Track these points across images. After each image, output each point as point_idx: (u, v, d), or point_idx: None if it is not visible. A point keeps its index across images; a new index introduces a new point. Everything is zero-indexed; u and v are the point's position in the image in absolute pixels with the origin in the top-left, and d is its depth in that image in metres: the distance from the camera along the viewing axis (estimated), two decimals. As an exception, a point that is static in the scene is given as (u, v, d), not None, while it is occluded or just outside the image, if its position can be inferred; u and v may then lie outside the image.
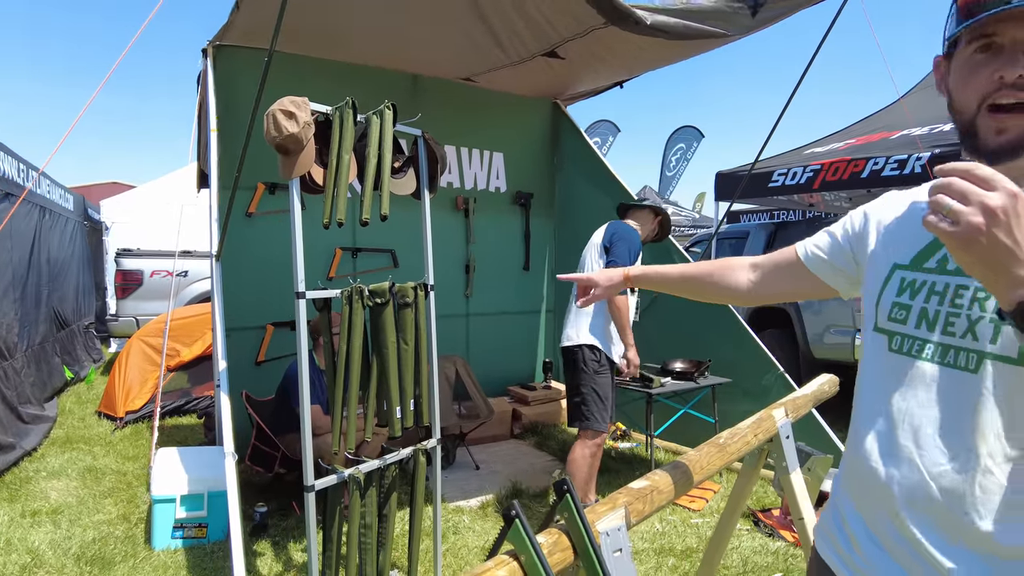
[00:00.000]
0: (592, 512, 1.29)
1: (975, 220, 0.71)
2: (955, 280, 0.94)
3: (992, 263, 0.73)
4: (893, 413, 0.97)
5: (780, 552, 3.27)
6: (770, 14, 3.71)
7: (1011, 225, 0.71)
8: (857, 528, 1.03)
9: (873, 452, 0.99)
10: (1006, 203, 0.70)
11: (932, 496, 0.90)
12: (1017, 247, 0.71)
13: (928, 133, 5.73)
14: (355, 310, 2.33)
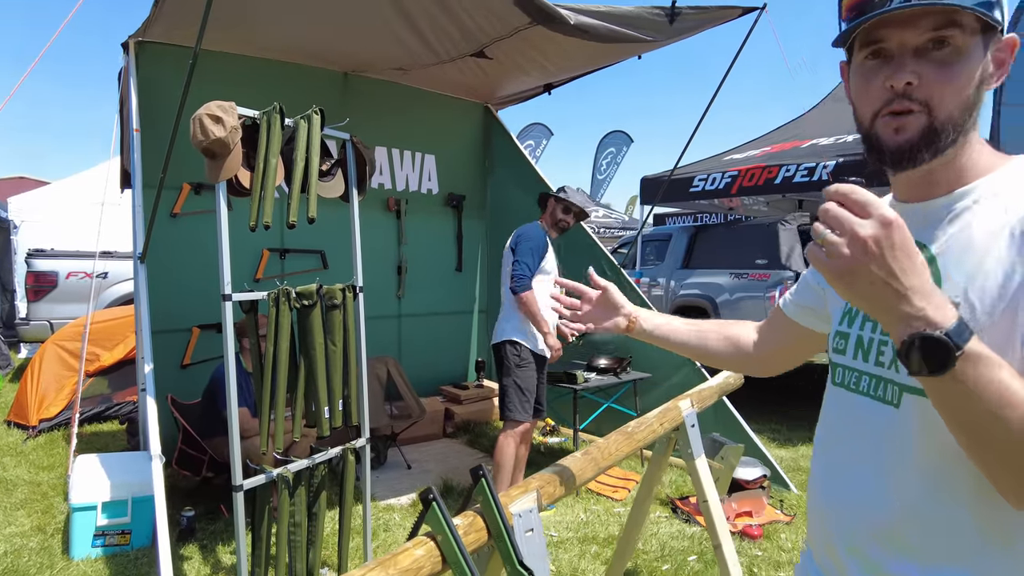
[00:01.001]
0: (506, 496, 1.40)
1: (844, 252, 0.68)
2: None
3: (869, 297, 0.69)
4: (833, 451, 0.95)
5: (696, 536, 3.48)
6: (686, 25, 3.93)
7: (884, 257, 0.66)
8: (806, 561, 1.04)
9: (815, 488, 0.99)
10: (877, 233, 0.66)
11: (860, 533, 0.88)
12: (894, 280, 0.67)
13: (834, 143, 6.15)
14: (282, 312, 2.37)
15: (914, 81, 0.78)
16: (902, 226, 0.67)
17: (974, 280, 0.77)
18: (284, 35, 3.98)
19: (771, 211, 8.61)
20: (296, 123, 2.44)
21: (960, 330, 0.66)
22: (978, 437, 0.71)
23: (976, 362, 0.67)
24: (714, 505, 2.20)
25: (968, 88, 0.78)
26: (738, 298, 6.07)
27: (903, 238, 0.67)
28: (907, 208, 0.87)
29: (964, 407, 0.69)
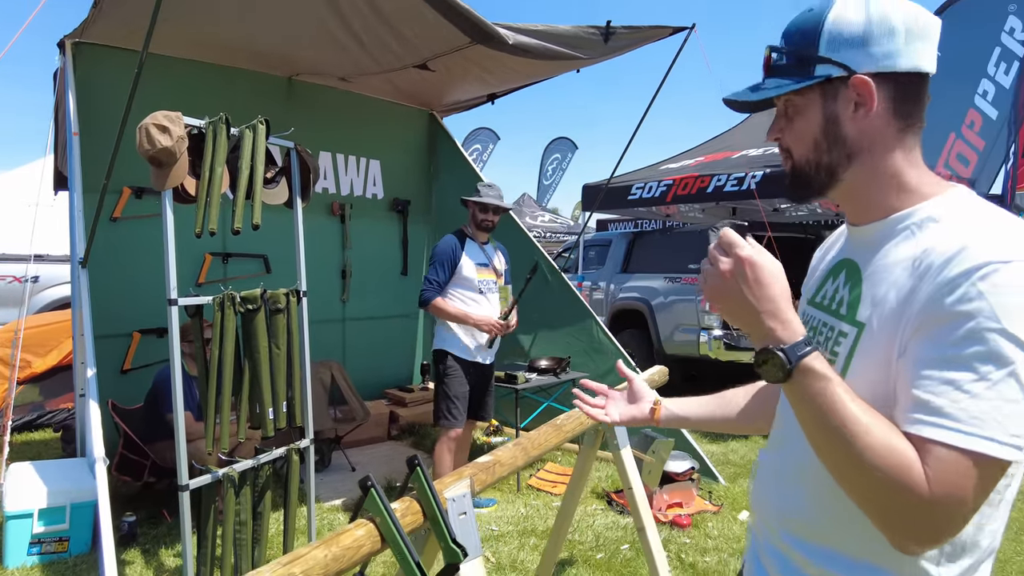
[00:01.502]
0: (440, 483, 1.54)
1: (710, 281, 0.85)
2: (821, 316, 1.00)
3: (735, 317, 0.85)
4: (770, 445, 1.08)
5: (629, 527, 3.68)
6: (620, 43, 4.15)
7: (741, 287, 0.82)
8: (753, 538, 1.13)
9: (757, 477, 1.10)
10: (733, 268, 0.82)
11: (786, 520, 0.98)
12: (750, 304, 0.81)
13: (762, 154, 6.52)
14: (227, 316, 2.43)
15: (779, 135, 0.98)
16: (755, 263, 0.82)
17: (877, 305, 0.87)
18: (227, 39, 4.01)
19: (707, 218, 9.00)
20: (241, 132, 2.51)
21: (798, 348, 0.79)
22: (815, 443, 0.83)
23: (810, 375, 0.79)
24: (638, 492, 2.38)
25: (810, 133, 0.93)
26: (672, 301, 6.36)
27: (755, 271, 0.82)
28: (853, 230, 0.99)
29: (804, 414, 0.82)
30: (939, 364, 0.77)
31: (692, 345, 6.02)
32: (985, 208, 0.86)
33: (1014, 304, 0.74)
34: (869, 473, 0.77)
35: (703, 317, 5.97)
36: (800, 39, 0.92)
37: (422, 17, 3.32)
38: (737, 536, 3.59)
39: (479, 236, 3.80)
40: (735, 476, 4.57)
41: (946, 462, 0.74)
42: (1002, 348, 0.74)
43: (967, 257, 0.77)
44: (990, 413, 0.73)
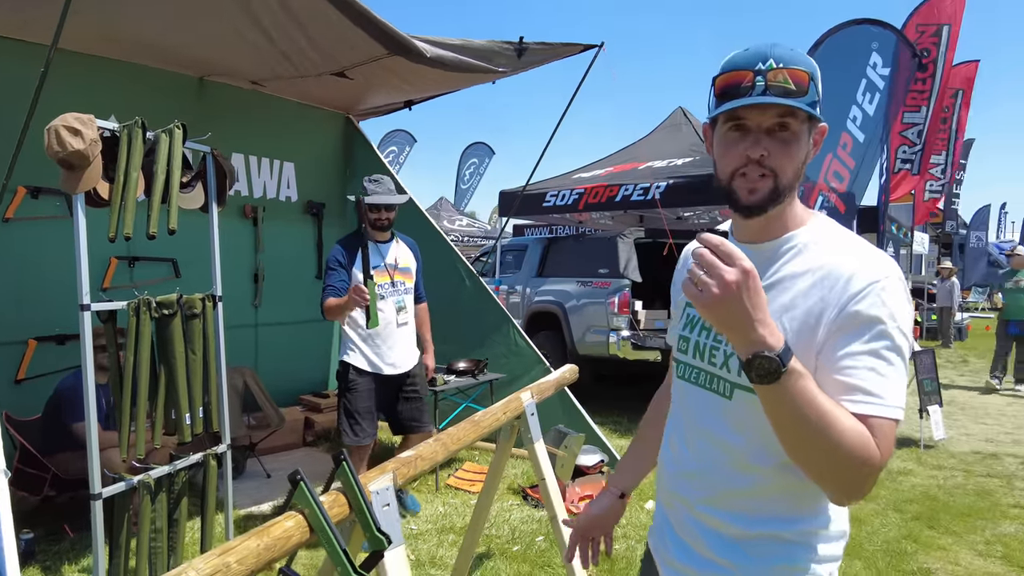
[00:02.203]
0: (365, 477, 1.63)
1: (714, 291, 0.89)
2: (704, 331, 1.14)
3: (729, 325, 0.92)
4: (677, 428, 1.23)
5: (543, 520, 3.86)
6: (533, 58, 4.35)
7: (742, 296, 0.89)
8: (659, 512, 1.30)
9: (664, 456, 1.27)
10: (739, 279, 0.88)
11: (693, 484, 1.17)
12: (747, 313, 0.90)
13: (666, 166, 6.91)
14: (143, 321, 2.41)
15: (766, 154, 1.04)
16: (756, 274, 0.91)
17: (788, 310, 1.04)
18: (136, 35, 3.88)
19: (616, 225, 9.40)
20: (157, 136, 2.49)
21: (787, 352, 0.92)
22: (790, 434, 0.96)
23: (795, 376, 0.92)
24: (550, 483, 2.54)
25: (799, 161, 1.06)
26: (584, 303, 6.63)
27: (756, 282, 0.91)
28: (746, 247, 1.10)
29: (785, 409, 0.93)
30: (862, 356, 0.98)
31: (603, 345, 6.31)
32: (843, 231, 1.11)
33: (899, 308, 1.00)
34: (842, 450, 0.92)
35: (612, 319, 6.27)
36: (812, 76, 1.03)
37: (341, 30, 3.37)
38: (644, 524, 3.84)
39: (376, 235, 3.58)
40: (642, 468, 4.84)
41: (885, 431, 0.95)
42: (898, 342, 0.99)
43: (864, 275, 1.00)
44: (896, 390, 0.98)
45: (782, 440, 0.97)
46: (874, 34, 5.04)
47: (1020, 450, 5.78)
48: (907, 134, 7.76)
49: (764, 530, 1.10)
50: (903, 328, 0.99)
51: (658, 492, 1.31)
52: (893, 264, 1.03)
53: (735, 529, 1.12)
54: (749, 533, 1.10)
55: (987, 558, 3.57)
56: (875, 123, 4.88)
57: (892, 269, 1.02)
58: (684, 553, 1.20)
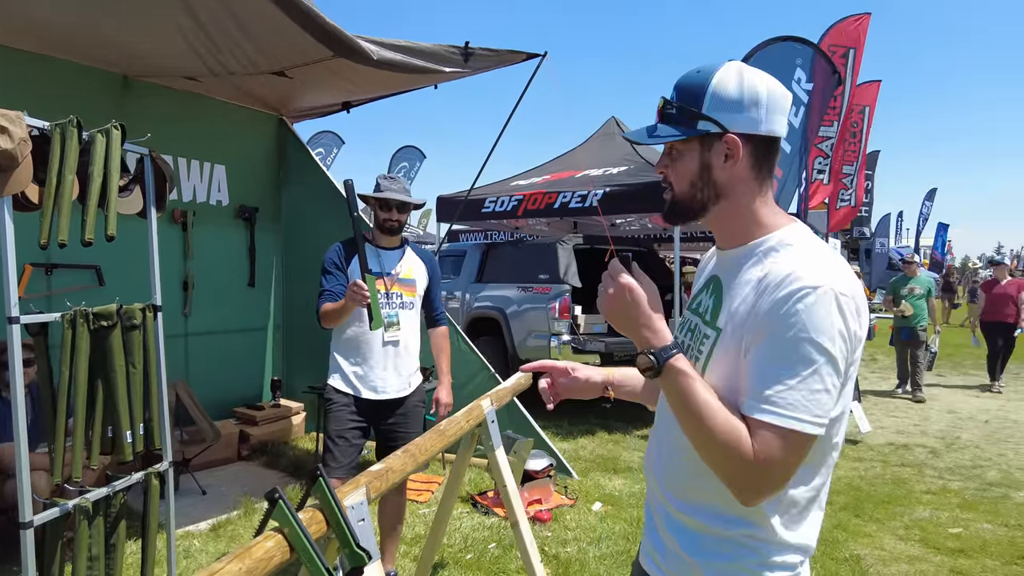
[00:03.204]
0: (339, 492, 1.58)
1: (603, 300, 1.12)
2: (695, 319, 1.21)
3: (622, 327, 1.12)
4: (662, 419, 1.27)
5: (494, 527, 3.85)
6: (479, 64, 4.36)
7: (620, 305, 1.10)
8: (647, 501, 1.34)
9: (650, 448, 1.32)
10: (615, 291, 1.11)
11: (664, 473, 1.22)
12: (632, 319, 1.09)
13: (602, 174, 7.06)
14: (79, 334, 2.26)
15: (664, 171, 1.19)
16: (632, 288, 1.10)
17: (734, 313, 1.09)
18: (50, 24, 3.62)
19: (551, 231, 9.53)
20: (93, 137, 2.34)
21: (665, 351, 1.06)
22: (680, 423, 1.07)
23: (674, 371, 1.05)
24: (511, 490, 2.54)
25: (689, 174, 1.14)
26: (525, 309, 6.68)
27: (632, 295, 1.10)
28: (720, 253, 1.21)
29: (671, 400, 1.07)
30: (768, 363, 1.02)
31: (544, 350, 6.36)
32: (811, 242, 1.11)
33: (819, 319, 0.99)
34: (714, 443, 1.02)
35: (553, 324, 6.34)
36: (688, 96, 1.12)
37: (283, 29, 3.27)
38: (592, 526, 3.90)
39: (381, 240, 3.10)
40: (586, 470, 4.92)
41: (766, 436, 0.99)
42: (810, 352, 0.99)
43: (791, 281, 1.02)
44: (800, 400, 0.99)
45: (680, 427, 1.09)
46: (797, 50, 5.34)
47: (927, 440, 6.23)
48: (822, 146, 8.25)
49: (709, 525, 1.13)
50: (817, 339, 0.98)
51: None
52: (837, 278, 1.01)
53: (690, 520, 1.16)
54: (702, 526, 1.15)
55: (907, 542, 3.83)
56: (799, 135, 5.16)
57: (830, 281, 1.00)
58: (655, 538, 1.26)
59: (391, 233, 3.09)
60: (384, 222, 3.05)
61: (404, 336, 3.10)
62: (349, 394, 3.00)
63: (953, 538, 3.87)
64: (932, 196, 23.21)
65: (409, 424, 3.10)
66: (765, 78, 1.12)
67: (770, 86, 1.11)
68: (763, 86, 1.10)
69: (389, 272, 3.05)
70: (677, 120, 1.13)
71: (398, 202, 3.03)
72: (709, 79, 1.11)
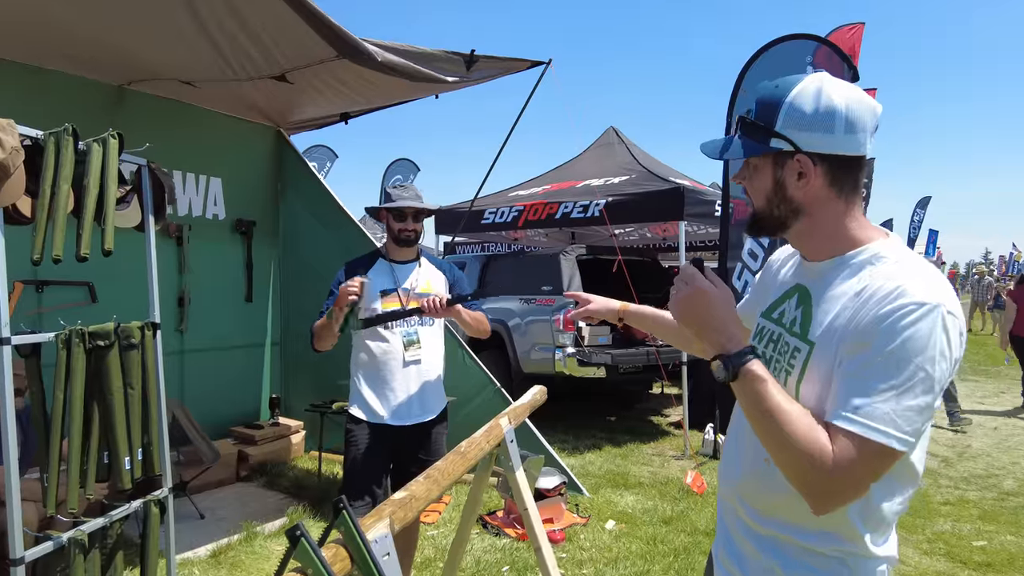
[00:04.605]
0: (362, 524, 1.46)
1: (677, 303, 1.13)
2: (776, 328, 1.20)
3: (694, 329, 1.11)
4: (738, 430, 1.26)
5: (506, 548, 3.71)
6: (483, 72, 4.27)
7: (696, 307, 1.10)
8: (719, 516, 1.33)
9: (725, 455, 1.31)
10: (691, 293, 1.10)
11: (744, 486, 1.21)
12: (703, 320, 1.09)
13: (604, 184, 6.98)
14: (75, 355, 2.12)
15: (743, 183, 1.19)
16: (706, 292, 1.10)
17: (830, 327, 1.07)
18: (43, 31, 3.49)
19: (549, 242, 9.43)
20: (89, 147, 2.22)
21: (740, 356, 1.04)
22: (756, 430, 1.06)
23: (748, 377, 1.03)
24: (532, 513, 2.41)
25: (764, 191, 1.14)
26: (528, 321, 6.56)
27: (708, 298, 1.09)
28: (807, 264, 1.19)
29: (745, 404, 1.06)
30: (863, 374, 0.99)
31: (548, 363, 6.24)
32: (912, 257, 1.08)
33: (922, 339, 0.97)
34: (793, 449, 0.99)
35: (557, 336, 6.22)
36: (764, 112, 1.11)
37: (289, 28, 3.16)
38: (608, 545, 3.77)
39: (396, 253, 2.87)
40: (596, 487, 4.79)
41: (848, 446, 0.97)
42: (909, 369, 0.97)
43: (898, 296, 0.99)
44: (889, 415, 0.96)
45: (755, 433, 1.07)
46: (808, 48, 5.25)
47: (937, 449, 6.14)
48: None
49: (796, 538, 1.12)
50: (918, 357, 0.96)
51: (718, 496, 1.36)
52: (947, 297, 0.99)
53: (771, 531, 1.16)
54: (788, 539, 1.13)
55: (932, 556, 3.72)
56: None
57: (939, 300, 0.98)
58: (730, 548, 1.25)
59: (408, 244, 2.86)
60: (400, 233, 2.82)
61: (426, 355, 2.83)
62: (370, 422, 2.76)
63: (979, 551, 3.76)
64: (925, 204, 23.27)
65: (431, 452, 2.81)
66: (848, 93, 1.07)
67: (851, 102, 1.07)
68: (842, 102, 1.06)
69: (405, 287, 2.82)
70: (753, 134, 1.12)
71: (414, 210, 2.81)
72: (786, 94, 1.09)
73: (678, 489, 4.73)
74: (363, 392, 2.79)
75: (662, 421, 7.28)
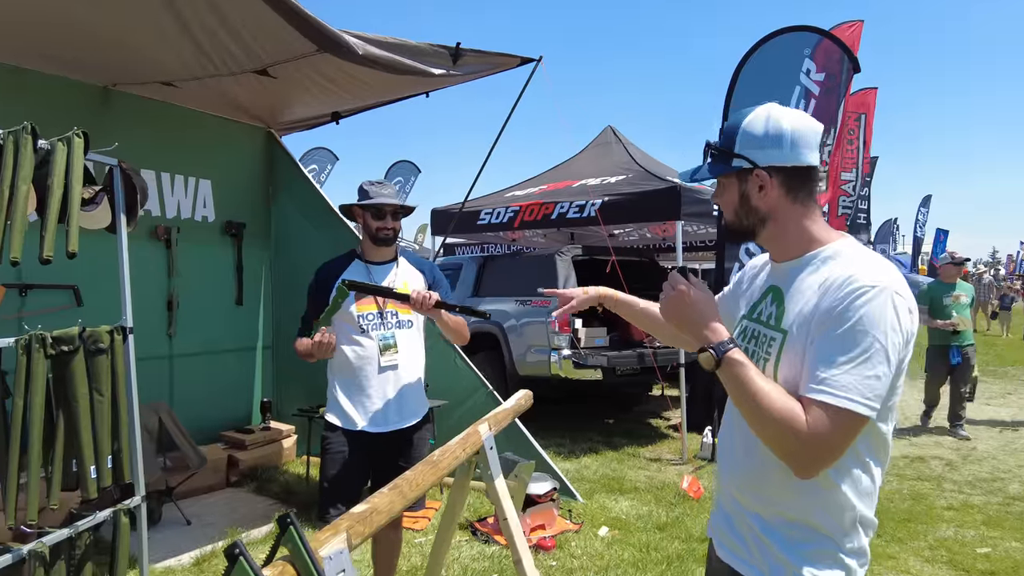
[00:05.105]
0: (315, 540, 1.38)
1: (665, 304, 1.34)
2: (757, 327, 1.34)
3: (681, 326, 1.31)
4: (728, 421, 1.39)
5: (495, 556, 3.63)
6: (469, 68, 4.18)
7: (680, 308, 1.30)
8: (716, 499, 1.46)
9: (720, 448, 1.44)
10: (674, 295, 1.31)
11: (736, 474, 1.34)
12: (690, 319, 1.28)
13: (600, 184, 6.89)
14: (35, 360, 2.06)
15: (717, 201, 1.39)
16: (688, 293, 1.29)
17: (798, 315, 1.23)
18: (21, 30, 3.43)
19: (547, 242, 9.35)
20: (53, 145, 2.15)
21: (723, 345, 1.21)
22: (740, 410, 1.20)
23: (731, 364, 1.19)
24: (513, 523, 2.33)
25: (732, 204, 1.33)
26: (524, 323, 6.47)
27: (690, 298, 1.29)
28: (775, 265, 1.36)
29: (730, 388, 1.20)
30: (826, 350, 1.14)
31: (544, 365, 6.15)
32: (862, 250, 1.26)
33: (876, 314, 1.12)
34: (771, 421, 1.13)
35: (553, 338, 6.14)
36: (725, 139, 1.32)
37: (268, 22, 3.09)
38: (599, 553, 3.68)
39: (373, 253, 2.77)
40: (591, 492, 4.70)
41: (819, 414, 1.11)
42: (866, 342, 1.11)
43: (852, 281, 1.15)
44: (853, 383, 1.11)
45: (740, 414, 1.22)
46: (805, 40, 5.13)
47: (942, 452, 6.03)
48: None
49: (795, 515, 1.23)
50: (872, 331, 1.11)
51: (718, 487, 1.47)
52: (893, 280, 1.15)
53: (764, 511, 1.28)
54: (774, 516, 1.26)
55: (935, 564, 3.62)
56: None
57: (887, 282, 1.14)
58: (731, 530, 1.36)
59: (386, 244, 2.75)
60: (378, 232, 2.71)
61: (403, 359, 2.72)
62: (345, 429, 2.66)
63: (983, 559, 3.66)
64: (927, 203, 23.09)
65: (411, 460, 2.65)
66: (792, 116, 1.28)
67: (795, 123, 1.27)
68: (787, 124, 1.26)
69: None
70: (718, 159, 1.33)
71: (393, 208, 2.71)
72: (741, 121, 1.30)
73: (674, 494, 4.64)
74: (339, 398, 2.68)
75: (661, 424, 7.19)
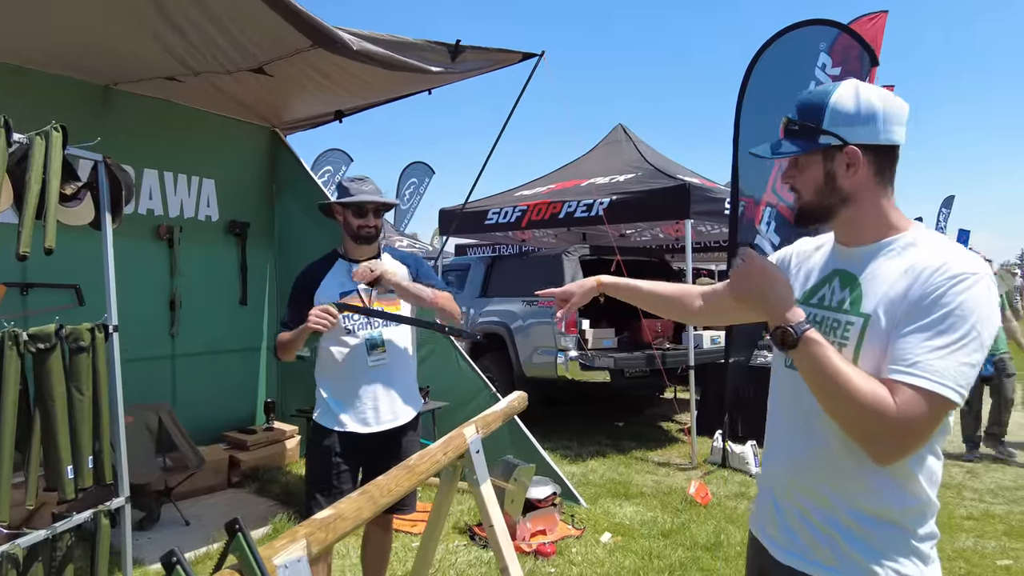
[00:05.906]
0: (269, 548, 1.30)
1: (737, 281, 1.27)
2: (822, 312, 1.31)
3: (755, 303, 1.23)
4: (782, 414, 1.37)
5: (492, 562, 3.54)
6: (469, 66, 4.11)
7: (759, 284, 1.22)
8: (766, 496, 1.39)
9: (771, 444, 1.41)
10: (749, 270, 1.24)
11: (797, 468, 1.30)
12: (764, 295, 1.21)
13: (608, 182, 6.79)
14: (8, 358, 2.01)
15: (792, 180, 1.32)
16: (764, 268, 1.23)
17: (883, 300, 1.19)
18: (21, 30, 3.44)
19: (559, 242, 9.25)
20: (31, 140, 2.12)
21: (800, 325, 1.16)
22: (818, 392, 1.17)
23: (810, 343, 1.15)
24: (499, 529, 2.24)
25: (814, 183, 1.27)
26: (530, 323, 6.39)
27: (767, 275, 1.22)
28: (844, 249, 1.32)
29: (806, 368, 1.17)
30: (919, 335, 1.11)
31: (551, 367, 6.06)
32: (943, 238, 1.24)
33: (973, 302, 1.10)
34: (856, 403, 1.10)
35: (560, 339, 6.04)
36: (809, 114, 1.26)
37: (260, 18, 3.05)
38: (600, 560, 3.58)
39: (355, 251, 2.70)
40: (595, 497, 4.60)
41: (910, 397, 1.08)
42: (963, 328, 1.09)
43: (948, 268, 1.13)
44: (946, 369, 1.08)
45: (815, 397, 1.18)
46: (821, 34, 5.00)
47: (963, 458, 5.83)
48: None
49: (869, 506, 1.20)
50: (970, 317, 1.09)
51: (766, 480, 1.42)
52: (984, 267, 1.14)
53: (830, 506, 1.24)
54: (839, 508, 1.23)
55: (951, 576, 3.47)
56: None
57: (980, 269, 1.12)
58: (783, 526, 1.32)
59: (368, 242, 2.67)
60: (360, 229, 2.63)
61: (392, 358, 2.67)
62: (334, 431, 2.59)
63: (1003, 571, 3.50)
64: (950, 203, 22.60)
65: (401, 460, 2.61)
66: (880, 93, 1.24)
67: (885, 100, 1.23)
68: (878, 99, 1.22)
69: (365, 287, 2.62)
70: (799, 135, 1.27)
71: (375, 205, 2.64)
72: (828, 97, 1.24)
73: (681, 500, 4.52)
74: (326, 399, 2.63)
75: (672, 427, 7.05)
